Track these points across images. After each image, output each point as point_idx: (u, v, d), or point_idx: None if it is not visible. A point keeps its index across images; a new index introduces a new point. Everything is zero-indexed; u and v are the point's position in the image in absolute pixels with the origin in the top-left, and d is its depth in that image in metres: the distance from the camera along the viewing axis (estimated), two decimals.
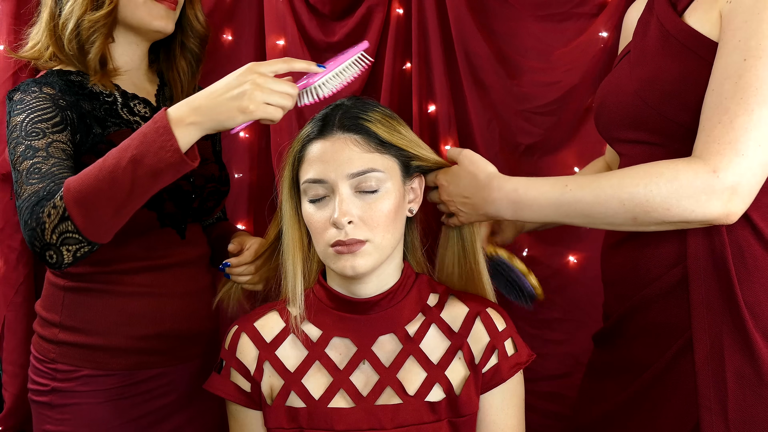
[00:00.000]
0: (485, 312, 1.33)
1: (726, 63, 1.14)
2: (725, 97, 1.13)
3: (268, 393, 1.31)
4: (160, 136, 1.21)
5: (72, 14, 1.50)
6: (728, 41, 1.15)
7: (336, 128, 1.26)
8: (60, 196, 1.26)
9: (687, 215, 1.15)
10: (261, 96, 1.21)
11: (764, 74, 1.12)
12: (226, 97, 1.22)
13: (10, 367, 1.95)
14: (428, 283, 1.37)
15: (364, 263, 1.23)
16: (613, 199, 1.18)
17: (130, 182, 1.23)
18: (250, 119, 1.23)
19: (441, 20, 2.00)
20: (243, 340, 1.33)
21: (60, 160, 1.35)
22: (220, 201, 1.66)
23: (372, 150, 1.25)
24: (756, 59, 1.12)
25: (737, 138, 1.12)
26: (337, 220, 1.21)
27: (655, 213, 1.16)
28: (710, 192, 1.13)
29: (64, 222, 1.25)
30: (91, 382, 1.49)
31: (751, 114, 1.11)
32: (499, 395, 1.31)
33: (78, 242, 1.27)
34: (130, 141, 1.25)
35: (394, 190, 1.26)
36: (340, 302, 1.31)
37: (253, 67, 1.23)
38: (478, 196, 1.31)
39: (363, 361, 1.29)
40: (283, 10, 2.08)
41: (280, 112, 1.24)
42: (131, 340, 1.50)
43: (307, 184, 1.26)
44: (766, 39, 1.12)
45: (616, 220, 1.20)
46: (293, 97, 1.25)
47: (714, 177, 1.12)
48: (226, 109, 1.22)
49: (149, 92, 1.63)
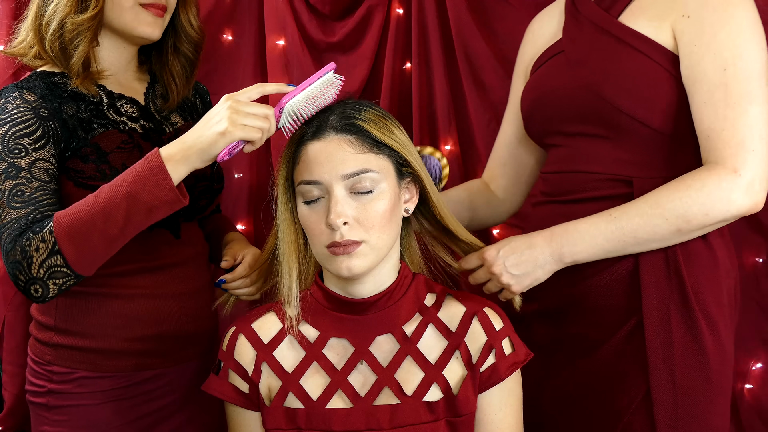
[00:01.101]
0: (482, 312, 1.32)
1: (708, 76, 1.30)
2: (720, 106, 1.29)
3: (267, 394, 1.31)
4: (155, 174, 1.26)
5: (55, 15, 1.47)
6: (702, 55, 1.31)
7: (330, 129, 1.26)
8: (50, 230, 1.28)
9: (724, 215, 1.31)
10: (238, 118, 1.26)
11: (744, 77, 1.29)
12: (208, 128, 1.28)
13: (10, 367, 1.96)
14: (425, 282, 1.36)
15: (360, 264, 1.23)
16: (657, 218, 1.31)
17: (124, 218, 1.27)
18: (231, 140, 1.27)
19: (441, 20, 2.00)
20: (241, 341, 1.32)
21: (43, 183, 1.36)
22: (213, 199, 1.65)
23: (366, 150, 1.25)
24: (734, 67, 1.29)
25: (744, 138, 1.29)
26: (332, 222, 1.21)
27: (695, 221, 1.31)
28: (738, 190, 1.29)
29: (54, 256, 1.28)
30: (88, 384, 1.49)
31: (747, 114, 1.29)
32: (496, 394, 1.30)
33: (65, 276, 1.30)
34: (124, 178, 1.28)
35: (389, 191, 1.26)
36: (337, 303, 1.31)
37: (229, 96, 1.29)
38: (527, 253, 1.37)
39: (360, 361, 1.29)
40: (283, 10, 2.08)
41: (259, 133, 1.28)
42: (128, 342, 1.50)
43: (302, 186, 1.26)
44: (736, 47, 1.29)
45: (663, 235, 1.32)
46: (269, 117, 1.29)
47: (737, 177, 1.29)
48: (208, 137, 1.27)
49: (137, 91, 1.61)
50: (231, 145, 1.27)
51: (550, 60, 1.52)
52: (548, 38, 1.57)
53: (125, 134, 1.50)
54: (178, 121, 1.63)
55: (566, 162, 1.47)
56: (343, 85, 1.32)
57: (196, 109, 1.71)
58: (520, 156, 1.68)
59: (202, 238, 1.69)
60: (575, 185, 1.45)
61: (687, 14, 1.33)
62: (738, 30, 1.30)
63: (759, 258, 1.76)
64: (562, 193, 1.47)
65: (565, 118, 1.45)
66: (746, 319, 1.76)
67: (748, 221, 1.75)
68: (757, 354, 1.77)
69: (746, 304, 1.77)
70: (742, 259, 1.77)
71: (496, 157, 1.73)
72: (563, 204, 1.46)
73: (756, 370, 1.76)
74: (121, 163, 1.46)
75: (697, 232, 1.34)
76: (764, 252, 1.76)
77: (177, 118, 1.64)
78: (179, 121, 1.64)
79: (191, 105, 1.70)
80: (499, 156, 1.72)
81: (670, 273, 1.37)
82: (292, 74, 2.09)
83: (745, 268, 1.77)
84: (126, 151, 1.48)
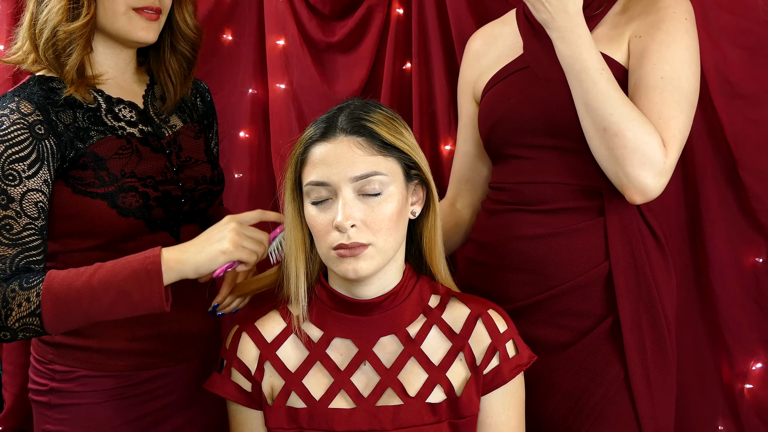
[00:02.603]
0: (486, 314, 1.33)
1: (648, 81, 1.43)
2: (655, 104, 1.41)
3: (269, 393, 1.31)
4: (150, 279, 1.31)
5: (47, 23, 1.45)
6: (644, 65, 1.44)
7: (339, 130, 1.25)
8: (37, 293, 1.31)
9: (633, 166, 1.39)
10: (239, 240, 1.34)
11: (678, 90, 1.42)
12: (209, 244, 1.35)
13: (10, 366, 1.96)
14: (429, 284, 1.36)
15: (367, 266, 1.23)
16: (610, 105, 1.38)
17: (108, 306, 1.32)
18: (230, 259, 1.34)
19: (441, 20, 2.00)
20: (244, 339, 1.33)
21: (31, 221, 1.38)
22: (213, 201, 1.64)
23: (375, 153, 1.25)
24: (671, 79, 1.42)
25: (673, 135, 1.40)
26: (340, 224, 1.21)
27: (616, 139, 1.38)
28: (659, 163, 1.39)
29: (33, 317, 1.32)
30: (90, 383, 1.49)
31: (677, 120, 1.41)
32: (500, 397, 1.31)
33: (36, 333, 1.33)
34: (121, 269, 1.32)
35: (397, 193, 1.26)
36: (342, 303, 1.31)
37: (232, 218, 1.37)
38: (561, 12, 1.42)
39: (364, 362, 1.29)
40: (283, 10, 2.08)
41: (254, 256, 1.37)
42: (129, 342, 1.49)
43: (310, 187, 1.25)
44: (675, 66, 1.43)
45: (596, 117, 1.39)
46: (264, 244, 1.38)
47: (665, 153, 1.40)
48: (209, 253, 1.34)
49: (136, 93, 1.59)
50: (227, 264, 1.34)
51: (512, 76, 1.58)
52: (497, 55, 1.64)
53: (123, 140, 1.50)
54: (177, 124, 1.63)
55: (532, 173, 1.52)
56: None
57: (197, 109, 1.70)
58: (480, 170, 1.73)
59: None
60: (546, 195, 1.51)
61: (640, 35, 1.47)
62: (680, 52, 1.44)
63: (759, 258, 1.77)
64: (531, 203, 1.52)
65: (532, 131, 1.51)
66: (746, 319, 1.77)
67: (748, 221, 1.76)
68: (757, 354, 1.77)
69: (746, 304, 1.78)
70: (742, 259, 1.78)
71: (459, 176, 1.77)
72: (534, 213, 1.51)
73: (756, 370, 1.76)
74: (119, 169, 1.46)
75: (602, 149, 1.40)
76: (764, 252, 1.77)
77: (176, 120, 1.63)
78: (178, 123, 1.63)
79: (191, 105, 1.69)
80: (462, 174, 1.76)
81: (639, 277, 1.48)
82: (292, 74, 2.10)
83: (745, 268, 1.78)
84: (124, 157, 1.48)
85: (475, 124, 1.68)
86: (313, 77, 2.08)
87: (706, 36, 1.69)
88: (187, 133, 1.62)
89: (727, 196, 1.78)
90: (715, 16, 1.72)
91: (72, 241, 1.48)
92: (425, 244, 1.35)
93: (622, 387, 1.46)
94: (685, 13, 1.47)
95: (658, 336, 1.48)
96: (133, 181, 1.47)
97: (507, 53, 1.63)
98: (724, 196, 1.78)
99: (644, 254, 1.49)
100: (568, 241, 1.48)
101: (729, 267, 1.77)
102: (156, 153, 1.53)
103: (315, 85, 2.08)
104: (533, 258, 1.50)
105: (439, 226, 1.36)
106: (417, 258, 1.38)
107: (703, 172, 1.78)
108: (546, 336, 1.49)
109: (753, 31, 1.71)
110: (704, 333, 1.83)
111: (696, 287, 1.83)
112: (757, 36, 1.71)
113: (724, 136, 1.74)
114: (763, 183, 1.72)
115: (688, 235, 1.84)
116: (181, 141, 1.60)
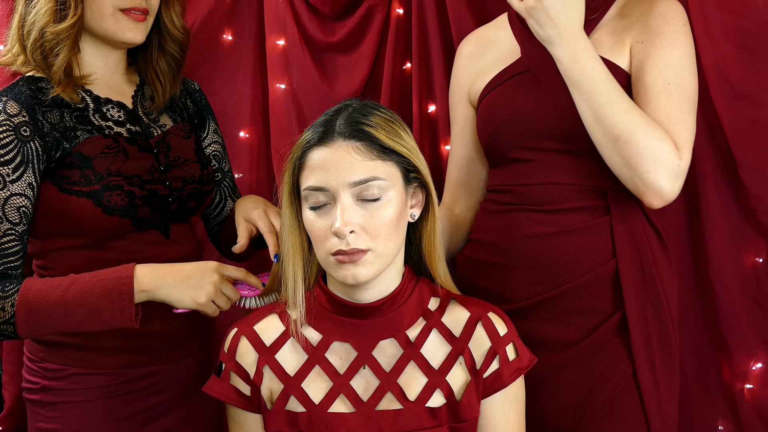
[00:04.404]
0: (486, 317, 1.32)
1: (654, 86, 1.45)
2: (663, 107, 1.43)
3: (268, 397, 1.31)
4: (122, 300, 1.35)
5: (35, 24, 1.46)
6: (649, 70, 1.46)
7: (337, 135, 1.24)
8: (12, 303, 1.35)
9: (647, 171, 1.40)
10: (213, 296, 1.40)
11: (683, 94, 1.45)
12: (187, 287, 1.39)
13: (10, 366, 1.96)
14: (429, 286, 1.36)
15: (366, 272, 1.22)
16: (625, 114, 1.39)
17: (79, 322, 1.36)
18: (197, 309, 1.40)
19: (441, 20, 1.99)
20: (242, 343, 1.32)
21: (12, 227, 1.41)
22: (203, 200, 1.64)
23: (374, 157, 1.23)
24: (676, 84, 1.45)
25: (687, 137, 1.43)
26: (338, 230, 1.20)
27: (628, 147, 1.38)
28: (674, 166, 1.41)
29: (7, 324, 1.36)
30: (81, 381, 1.50)
31: (686, 122, 1.44)
32: (500, 400, 1.31)
33: (8, 337, 1.38)
34: (94, 286, 1.36)
35: (396, 198, 1.25)
36: (341, 307, 1.30)
37: (217, 269, 1.42)
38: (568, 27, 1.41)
39: (363, 365, 1.29)
40: (283, 10, 2.07)
41: (217, 312, 1.43)
42: (119, 340, 1.50)
43: (308, 192, 1.24)
44: (678, 72, 1.46)
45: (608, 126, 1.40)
46: (231, 301, 1.44)
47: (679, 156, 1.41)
48: (181, 291, 1.39)
49: (126, 94, 1.60)
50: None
51: (512, 79, 1.59)
52: (494, 59, 1.65)
53: (110, 139, 1.50)
54: (167, 123, 1.63)
55: (538, 175, 1.54)
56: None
57: (187, 110, 1.71)
58: (478, 173, 1.74)
59: (193, 237, 1.68)
60: (552, 196, 1.52)
61: (642, 41, 1.50)
62: (681, 58, 1.47)
63: (759, 258, 1.76)
64: (537, 204, 1.53)
65: (537, 135, 1.53)
66: (746, 319, 1.77)
67: (748, 221, 1.76)
68: (757, 354, 1.77)
69: (746, 304, 1.77)
70: (742, 259, 1.78)
71: (455, 180, 1.77)
72: (541, 212, 1.53)
73: (756, 370, 1.76)
74: (105, 168, 1.47)
75: (615, 157, 1.41)
76: (764, 252, 1.76)
77: (167, 120, 1.64)
78: (168, 122, 1.64)
79: (182, 106, 1.70)
80: (458, 178, 1.76)
81: (645, 275, 1.50)
82: (292, 74, 2.09)
83: (745, 268, 1.77)
84: (111, 156, 1.49)
85: (472, 127, 1.69)
86: (313, 77, 2.08)
87: (706, 36, 1.69)
88: (176, 133, 1.63)
89: (727, 196, 1.78)
90: (714, 16, 1.71)
91: (61, 240, 1.49)
92: (425, 246, 1.35)
93: (630, 383, 1.49)
94: (683, 18, 1.50)
95: (663, 332, 1.51)
96: (119, 180, 1.47)
97: (504, 56, 1.63)
98: (724, 196, 1.78)
99: (649, 252, 1.51)
100: (576, 239, 1.50)
101: (729, 267, 1.77)
102: (143, 152, 1.54)
103: (315, 85, 2.07)
104: (540, 256, 1.52)
105: (439, 228, 1.35)
106: (416, 260, 1.37)
107: (703, 172, 1.78)
108: (553, 334, 1.51)
109: (753, 31, 1.70)
110: (704, 333, 1.83)
111: (696, 287, 1.83)
112: (756, 36, 1.70)
113: (724, 136, 1.74)
114: (763, 183, 1.71)
115: (688, 235, 1.84)
116: (170, 140, 1.60)
